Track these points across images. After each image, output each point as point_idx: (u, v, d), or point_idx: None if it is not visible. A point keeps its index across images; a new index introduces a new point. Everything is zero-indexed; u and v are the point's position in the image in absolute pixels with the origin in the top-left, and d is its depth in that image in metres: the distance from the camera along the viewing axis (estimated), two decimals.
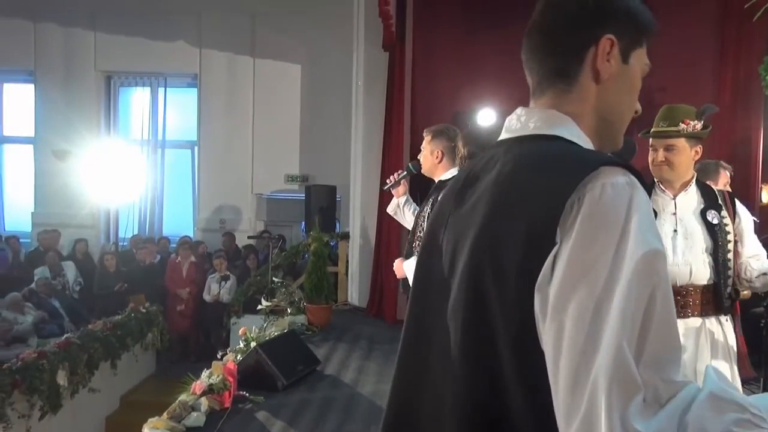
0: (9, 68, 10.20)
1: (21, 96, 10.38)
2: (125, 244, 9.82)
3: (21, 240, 9.60)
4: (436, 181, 3.12)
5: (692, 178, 2.61)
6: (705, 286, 2.46)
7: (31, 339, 7.06)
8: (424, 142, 3.13)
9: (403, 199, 3.32)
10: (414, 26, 6.64)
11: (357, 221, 7.42)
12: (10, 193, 10.62)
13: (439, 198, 2.92)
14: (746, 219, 2.61)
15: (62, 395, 5.57)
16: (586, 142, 0.93)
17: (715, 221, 2.50)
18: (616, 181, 0.79)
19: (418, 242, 3.07)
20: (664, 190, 2.57)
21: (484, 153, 1.00)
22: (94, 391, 6.07)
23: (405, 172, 3.27)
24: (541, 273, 0.77)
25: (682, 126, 2.52)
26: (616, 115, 0.97)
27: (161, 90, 10.14)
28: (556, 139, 0.92)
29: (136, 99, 10.30)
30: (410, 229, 3.26)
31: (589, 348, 0.71)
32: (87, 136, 9.55)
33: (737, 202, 2.63)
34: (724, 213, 2.54)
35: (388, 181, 3.31)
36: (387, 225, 6.79)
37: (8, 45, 9.74)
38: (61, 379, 5.58)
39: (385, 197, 6.82)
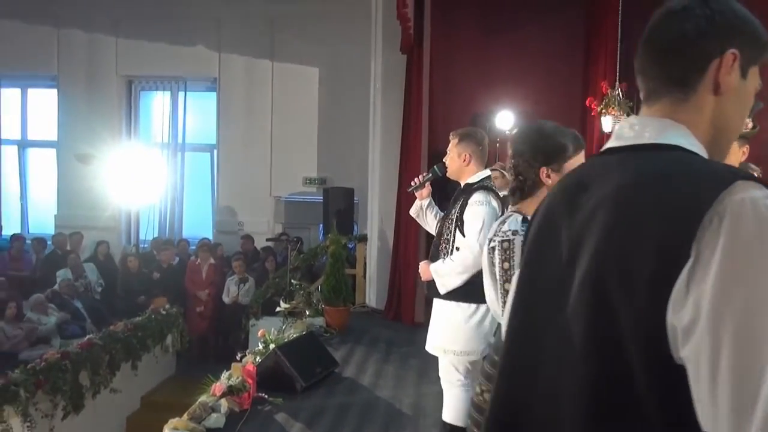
0: (33, 73, 10.37)
1: (44, 101, 10.55)
2: (146, 246, 9.93)
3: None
4: (462, 184, 3.09)
5: None
6: None
7: (54, 339, 7.16)
8: (450, 145, 3.11)
9: (426, 202, 3.29)
10: (432, 29, 6.63)
11: (375, 224, 7.41)
12: (34, 196, 10.80)
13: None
14: None
15: (84, 395, 5.63)
16: (703, 152, 0.95)
17: None
18: (755, 195, 0.79)
19: (444, 245, 3.04)
20: None
21: (591, 159, 1.02)
22: (115, 392, 6.13)
23: (430, 175, 3.24)
24: (676, 286, 0.79)
25: None
26: (728, 129, 0.99)
27: (181, 94, 10.24)
28: (676, 149, 0.93)
29: (157, 103, 10.41)
30: (432, 231, 3.23)
31: (763, 368, 0.72)
32: (109, 139, 9.68)
33: None
34: None
35: (412, 183, 3.28)
36: (405, 227, 6.77)
37: (32, 50, 9.91)
38: (84, 379, 5.65)
39: (403, 199, 6.83)
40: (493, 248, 1.93)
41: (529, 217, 1.72)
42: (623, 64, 6.41)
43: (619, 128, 1.02)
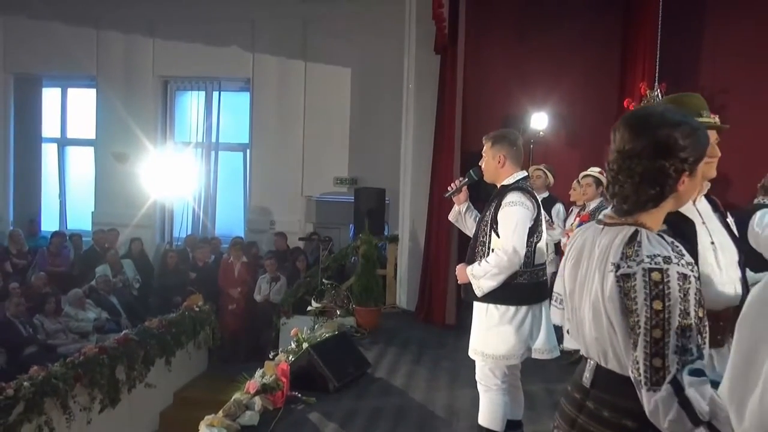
0: (73, 73, 10.62)
1: (83, 100, 10.79)
2: (179, 243, 10.08)
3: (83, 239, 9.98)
4: (498, 185, 3.07)
5: None
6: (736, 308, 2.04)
7: (91, 334, 7.31)
8: (484, 148, 3.09)
9: (464, 206, 3.27)
10: (466, 29, 6.57)
11: (406, 224, 7.40)
12: (73, 193, 11.05)
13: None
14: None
15: (120, 390, 5.74)
16: None
17: (734, 229, 2.10)
18: None
19: (480, 247, 3.01)
20: None
21: None
22: (150, 387, 6.23)
23: (466, 179, 3.21)
24: None
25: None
26: None
27: (215, 94, 10.36)
28: None
29: (192, 103, 10.56)
30: (471, 235, 3.20)
31: None
32: (144, 138, 9.86)
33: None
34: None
35: (449, 188, 3.25)
36: (436, 228, 6.75)
37: (73, 51, 10.13)
38: (120, 373, 5.76)
39: (435, 200, 6.80)
40: (627, 276, 1.40)
41: (665, 236, 1.44)
42: (663, 63, 6.28)
43: None
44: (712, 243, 1.96)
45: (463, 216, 3.27)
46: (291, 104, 9.86)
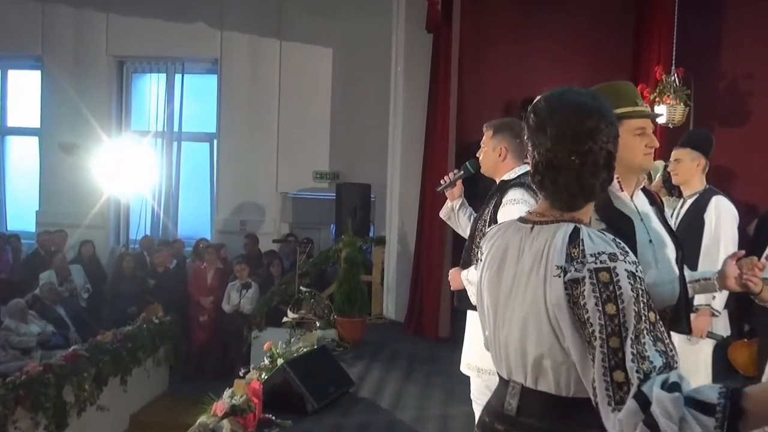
0: (15, 53, 10.50)
1: (27, 84, 10.68)
2: (136, 246, 10.01)
3: (24, 241, 9.86)
4: (498, 181, 3.06)
5: None
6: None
7: (35, 350, 7.22)
8: (484, 138, 3.08)
9: (458, 203, 3.26)
10: (462, 4, 6.59)
11: (394, 224, 7.41)
12: (14, 190, 10.92)
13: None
14: None
15: (68, 413, 5.69)
16: None
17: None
18: None
19: (477, 249, 3.00)
20: (621, 189, 2.06)
21: None
22: (102, 410, 6.19)
23: (462, 172, 3.21)
24: None
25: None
26: None
27: (178, 77, 10.30)
28: None
29: (151, 87, 10.49)
30: (466, 235, 3.20)
31: None
32: (97, 127, 9.76)
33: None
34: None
35: (442, 181, 3.25)
36: (428, 228, 6.76)
37: (14, 28, 10.03)
38: (68, 395, 5.70)
39: (426, 197, 6.81)
40: (576, 281, 1.38)
41: (605, 233, 1.47)
42: (680, 46, 6.33)
43: None
44: (650, 242, 2.03)
45: (456, 213, 3.27)
46: (264, 89, 9.83)
